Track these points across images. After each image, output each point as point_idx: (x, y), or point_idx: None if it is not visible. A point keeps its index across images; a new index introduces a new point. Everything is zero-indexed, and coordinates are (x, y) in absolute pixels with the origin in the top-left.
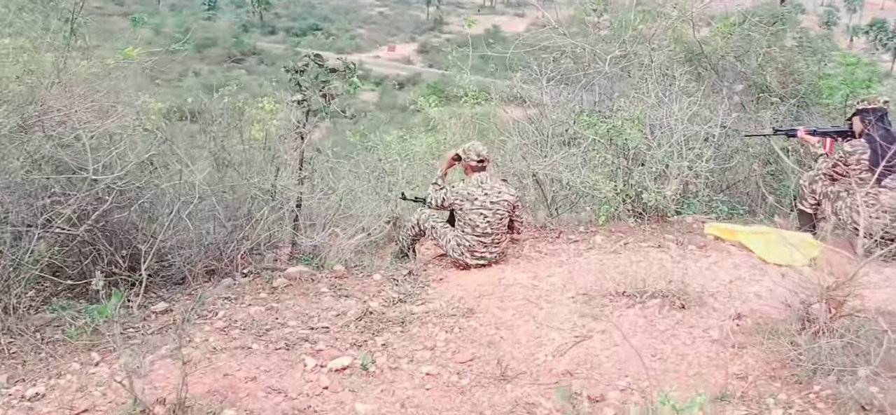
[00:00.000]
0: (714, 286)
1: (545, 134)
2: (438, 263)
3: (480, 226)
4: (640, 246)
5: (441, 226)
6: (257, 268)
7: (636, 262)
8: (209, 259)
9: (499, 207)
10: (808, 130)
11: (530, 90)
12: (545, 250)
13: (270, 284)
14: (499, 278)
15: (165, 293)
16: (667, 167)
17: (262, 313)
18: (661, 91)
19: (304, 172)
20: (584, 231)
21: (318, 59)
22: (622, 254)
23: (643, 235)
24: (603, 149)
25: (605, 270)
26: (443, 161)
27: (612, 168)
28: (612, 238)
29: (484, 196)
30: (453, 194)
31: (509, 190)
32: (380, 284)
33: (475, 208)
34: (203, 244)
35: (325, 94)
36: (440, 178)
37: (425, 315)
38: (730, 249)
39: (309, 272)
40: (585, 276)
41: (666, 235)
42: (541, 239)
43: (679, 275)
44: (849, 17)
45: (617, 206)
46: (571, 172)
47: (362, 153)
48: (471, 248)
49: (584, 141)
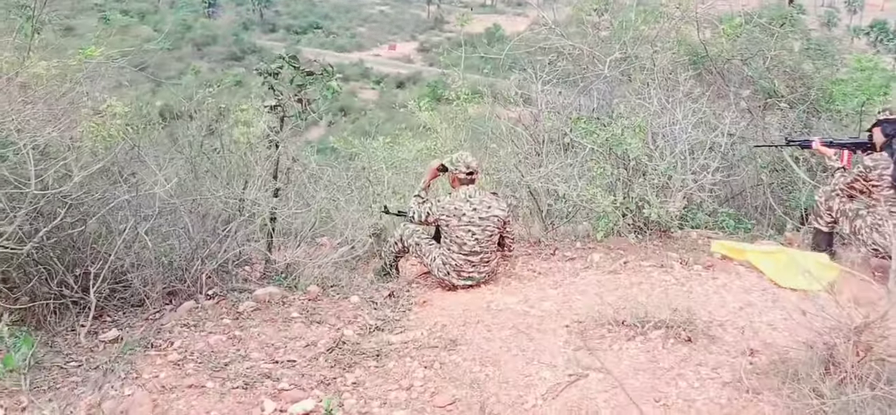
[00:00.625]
0: (723, 314)
1: (540, 141)
2: (423, 281)
3: (468, 244)
4: (641, 265)
5: (426, 243)
6: (224, 289)
7: (637, 283)
8: (171, 279)
9: (488, 223)
10: (823, 141)
11: (526, 93)
12: (539, 269)
13: (236, 309)
14: (487, 302)
15: (121, 317)
16: (669, 179)
17: (224, 342)
18: (663, 96)
19: (278, 183)
20: (582, 247)
21: (293, 61)
22: (622, 274)
23: (645, 252)
24: (601, 159)
25: (603, 294)
26: (427, 171)
27: (611, 180)
28: (611, 256)
29: (472, 211)
30: (438, 209)
31: (500, 205)
32: (357, 307)
33: (462, 225)
34: (164, 263)
35: (300, 99)
36: (423, 189)
37: (403, 347)
38: (738, 269)
39: (280, 294)
40: (582, 300)
41: (669, 254)
42: (534, 256)
43: (684, 301)
44: (849, 19)
45: (616, 220)
46: (567, 183)
47: (346, 161)
48: (457, 267)
49: (582, 150)
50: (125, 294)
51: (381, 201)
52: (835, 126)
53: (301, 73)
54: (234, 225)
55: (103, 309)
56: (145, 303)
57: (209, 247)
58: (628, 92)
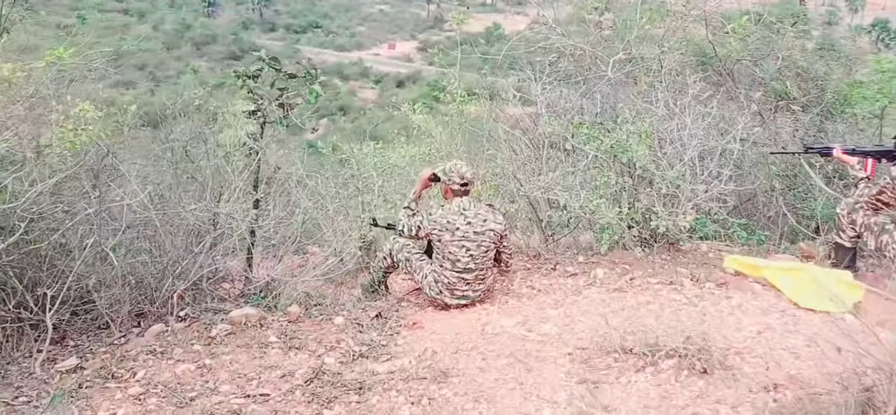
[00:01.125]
0: (740, 340)
1: (540, 146)
2: (414, 299)
3: (462, 260)
4: (648, 282)
5: (417, 258)
6: (196, 310)
7: (645, 303)
8: (140, 300)
9: (484, 238)
10: (845, 149)
11: (525, 95)
12: (538, 286)
13: (208, 332)
14: (482, 325)
15: (84, 342)
16: (677, 188)
17: (191, 372)
18: (671, 99)
19: (259, 193)
20: (584, 262)
21: (273, 63)
22: (628, 292)
23: (652, 267)
24: (605, 166)
25: (608, 315)
26: (417, 181)
27: (615, 189)
28: (615, 271)
29: (466, 225)
30: (430, 223)
31: (496, 218)
32: (340, 330)
33: (456, 240)
34: (131, 282)
35: (282, 104)
36: (413, 200)
37: (389, 378)
38: (754, 288)
39: (257, 316)
40: (585, 322)
41: (679, 269)
42: (533, 271)
43: (697, 324)
44: (851, 18)
45: (621, 232)
46: (569, 192)
47: (336, 166)
48: (450, 286)
49: (585, 157)
50: (90, 316)
51: (371, 211)
52: (851, 130)
53: (282, 76)
54: (208, 240)
55: (65, 332)
56: (111, 326)
57: (182, 264)
58: (633, 95)
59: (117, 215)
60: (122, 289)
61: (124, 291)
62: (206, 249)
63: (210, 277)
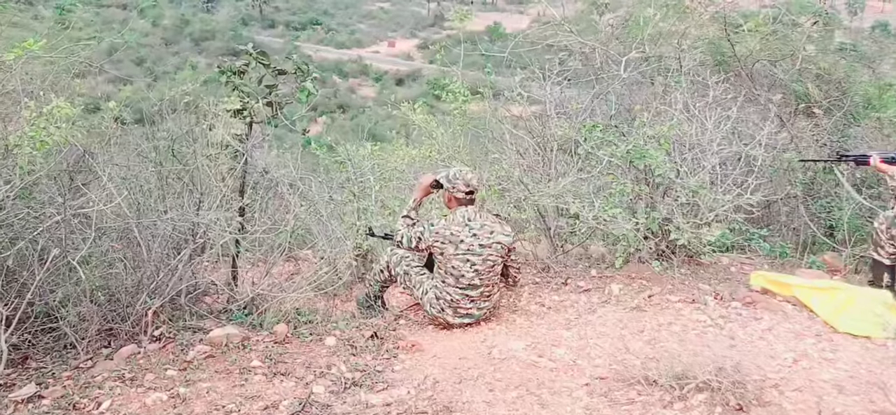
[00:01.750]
0: (775, 370)
1: (548, 150)
2: (413, 315)
3: (466, 276)
4: (668, 300)
5: (416, 272)
6: (173, 329)
7: (666, 325)
8: (110, 317)
9: (490, 251)
10: (884, 158)
11: (531, 95)
12: (548, 303)
13: (184, 355)
14: (488, 348)
15: (48, 364)
16: (694, 194)
17: (163, 403)
18: (691, 102)
19: (244, 200)
20: (597, 276)
21: (262, 58)
22: (647, 311)
23: (671, 283)
24: (621, 173)
25: (626, 337)
26: (417, 187)
27: (630, 198)
28: (632, 287)
29: (471, 238)
30: (431, 234)
31: (504, 229)
32: (332, 352)
33: (460, 253)
34: (100, 298)
35: (270, 103)
36: (413, 209)
37: (385, 411)
38: (785, 308)
39: (240, 336)
40: (602, 345)
41: (700, 285)
42: (543, 285)
43: (725, 350)
44: (850, 20)
45: (637, 245)
46: (579, 199)
47: (328, 170)
48: (453, 303)
49: (598, 162)
50: (55, 335)
51: (368, 219)
52: (874, 136)
53: (271, 72)
54: (187, 251)
55: (28, 354)
56: (77, 346)
57: (158, 277)
58: (650, 96)
59: (90, 223)
60: (90, 305)
61: (93, 308)
62: (186, 260)
63: (189, 292)
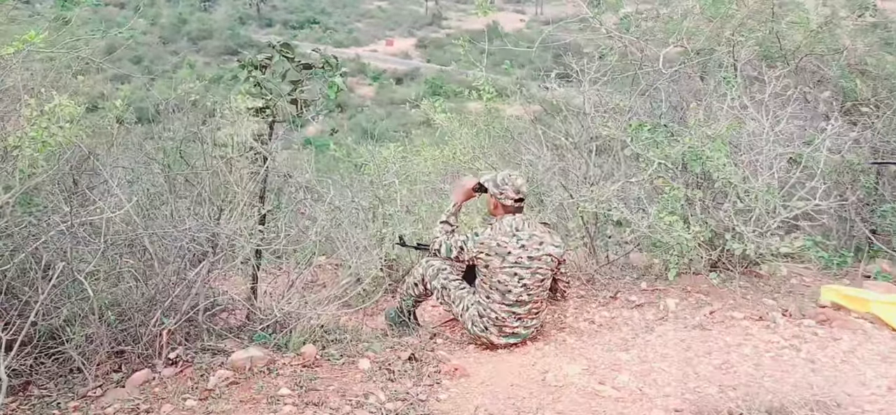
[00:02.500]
0: (868, 401)
1: (588, 152)
2: (450, 333)
3: (513, 291)
4: (732, 317)
5: (456, 287)
6: (190, 351)
7: (735, 346)
8: (121, 338)
9: (540, 264)
10: None
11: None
12: (598, 319)
13: (205, 381)
14: (541, 374)
15: (52, 390)
16: (758, 200)
17: None
18: (747, 99)
19: (266, 207)
20: (649, 289)
21: (285, 51)
22: (712, 331)
23: (733, 298)
24: (671, 177)
25: (693, 361)
26: (457, 189)
27: (683, 203)
28: (689, 302)
29: (520, 249)
30: (476, 244)
31: (553, 239)
32: (368, 377)
33: (507, 266)
34: (109, 317)
35: (295, 100)
36: (452, 215)
37: None
38: (864, 326)
39: (265, 358)
40: (668, 370)
41: (765, 300)
42: (589, 299)
43: (807, 375)
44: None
45: (692, 255)
46: (625, 204)
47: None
48: (499, 322)
49: (648, 164)
50: (60, 357)
51: (394, 226)
52: None
53: (296, 67)
54: (206, 264)
55: (30, 379)
56: (84, 371)
57: (173, 293)
58: (699, 93)
59: (97, 232)
60: (98, 325)
61: (101, 328)
62: (204, 275)
63: (207, 309)
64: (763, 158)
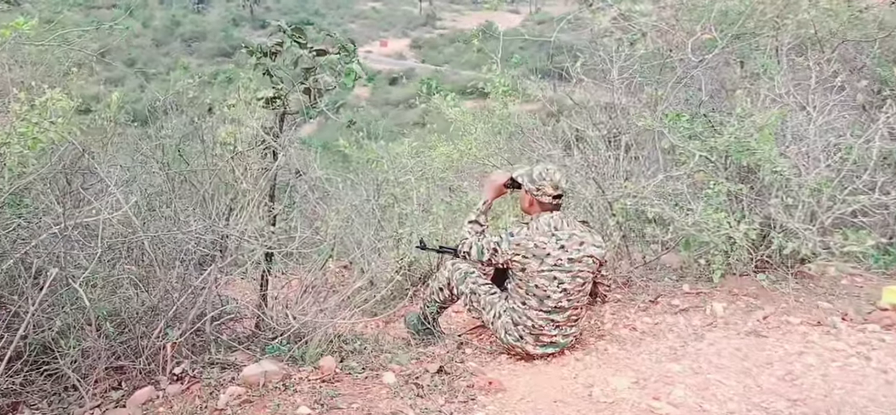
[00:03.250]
0: None
1: (619, 146)
2: (478, 341)
3: (553, 296)
4: (788, 323)
5: (486, 292)
6: (197, 364)
7: (797, 355)
8: (121, 351)
9: (582, 267)
10: None
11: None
12: (640, 326)
13: (215, 400)
14: (586, 388)
15: (45, 410)
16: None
17: None
18: (793, 87)
19: (277, 206)
20: (692, 292)
21: (297, 36)
22: (769, 338)
23: (785, 302)
24: (714, 170)
25: (753, 372)
26: (487, 186)
27: (726, 199)
28: (737, 306)
29: (559, 250)
30: (511, 246)
31: (594, 239)
32: (394, 393)
33: (545, 270)
34: (107, 329)
35: (308, 90)
36: (482, 213)
37: None
38: None
39: (279, 373)
40: (726, 383)
41: (820, 304)
42: (626, 303)
43: (881, 387)
44: None
45: (738, 254)
46: (663, 200)
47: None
48: (535, 329)
49: (689, 158)
50: (53, 373)
51: (411, 224)
52: None
53: (309, 53)
54: (214, 269)
55: (20, 398)
56: (80, 388)
57: (178, 302)
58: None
59: (93, 236)
60: (95, 337)
61: (99, 341)
62: (212, 281)
63: (215, 318)
64: (810, 149)
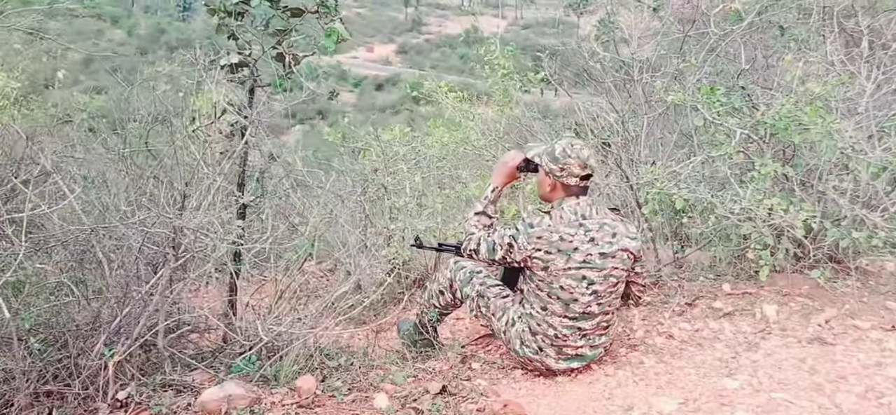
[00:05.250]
0: None
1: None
2: (484, 352)
3: (582, 300)
4: (857, 329)
5: (496, 294)
6: (147, 387)
7: (875, 367)
8: (54, 372)
9: (615, 263)
10: None
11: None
12: (678, 333)
13: None
14: (624, 410)
15: None
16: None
17: None
18: (842, 54)
19: (247, 195)
20: (735, 293)
21: None
22: (837, 346)
23: (848, 303)
24: (757, 150)
25: (828, 390)
26: (498, 170)
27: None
28: (792, 308)
29: (588, 243)
30: (530, 239)
31: (628, 230)
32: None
33: (573, 268)
34: (32, 347)
35: (281, 55)
36: (490, 202)
37: None
38: None
39: (246, 397)
40: (797, 404)
41: (889, 304)
42: (659, 307)
43: None
44: None
45: (787, 247)
46: (701, 185)
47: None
48: (558, 340)
49: (729, 136)
50: None
51: (405, 221)
52: None
53: (282, 13)
54: (166, 271)
55: None
56: None
57: (123, 311)
58: (784, 49)
59: (21, 232)
60: (21, 355)
61: (25, 360)
62: (164, 285)
63: (170, 330)
64: (864, 126)
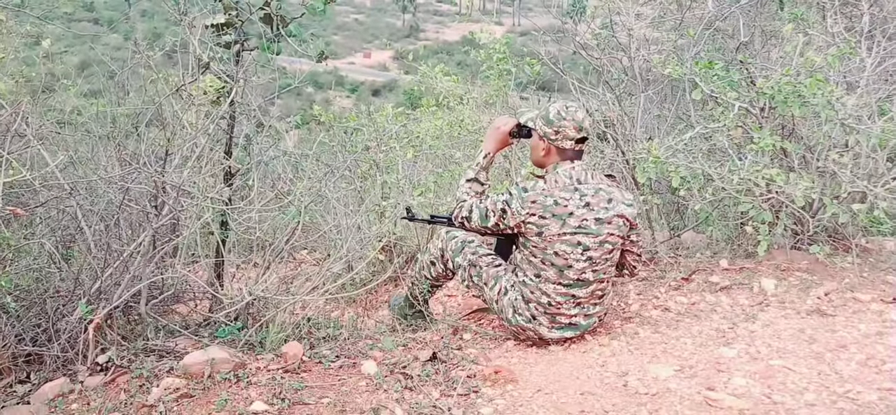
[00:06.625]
0: None
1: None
2: (476, 324)
3: (575, 266)
4: (857, 301)
5: (488, 263)
6: (128, 352)
7: (876, 336)
8: (33, 335)
9: (611, 229)
10: None
11: None
12: (674, 307)
13: (146, 394)
14: (618, 377)
15: None
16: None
17: None
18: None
19: (233, 163)
20: (732, 269)
21: None
22: (835, 317)
23: (848, 277)
24: (754, 124)
25: (827, 358)
26: (488, 135)
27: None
28: (791, 283)
29: (583, 208)
30: (524, 204)
31: (624, 196)
32: (376, 386)
33: (567, 233)
34: (12, 308)
35: (269, 16)
36: (482, 169)
37: None
38: None
39: (231, 362)
40: (796, 370)
41: (888, 278)
42: (654, 282)
43: None
44: None
45: (786, 223)
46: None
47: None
48: (551, 308)
49: (728, 109)
50: None
51: (396, 195)
52: None
53: None
54: (148, 232)
55: None
56: None
57: (103, 274)
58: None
59: None
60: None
61: (2, 323)
62: (146, 247)
63: (154, 296)
64: (864, 101)
